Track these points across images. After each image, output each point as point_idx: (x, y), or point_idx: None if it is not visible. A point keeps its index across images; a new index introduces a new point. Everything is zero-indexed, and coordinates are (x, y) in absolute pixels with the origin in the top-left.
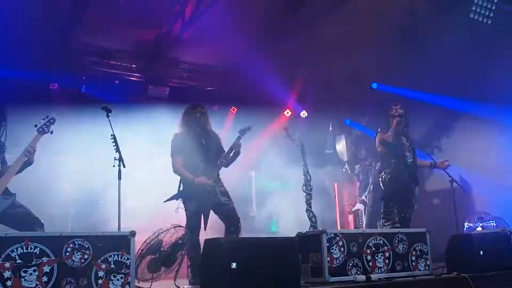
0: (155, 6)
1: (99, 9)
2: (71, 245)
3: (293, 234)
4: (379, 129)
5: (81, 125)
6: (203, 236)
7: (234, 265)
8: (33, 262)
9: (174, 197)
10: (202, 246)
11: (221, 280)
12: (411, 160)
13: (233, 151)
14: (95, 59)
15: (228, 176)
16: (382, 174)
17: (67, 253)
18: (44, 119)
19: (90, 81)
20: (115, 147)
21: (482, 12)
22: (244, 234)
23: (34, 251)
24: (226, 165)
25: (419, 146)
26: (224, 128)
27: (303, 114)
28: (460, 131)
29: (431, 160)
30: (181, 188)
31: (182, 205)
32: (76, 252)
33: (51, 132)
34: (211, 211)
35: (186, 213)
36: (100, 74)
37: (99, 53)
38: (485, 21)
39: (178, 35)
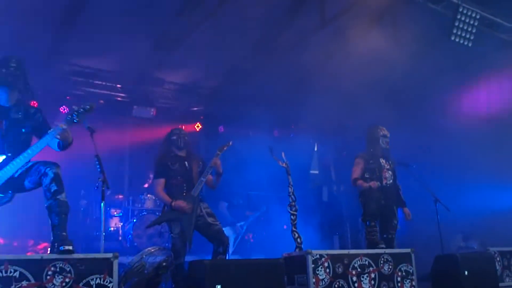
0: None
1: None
2: (52, 268)
3: (278, 255)
4: (359, 153)
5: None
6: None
7: (219, 287)
8: (12, 287)
9: (156, 222)
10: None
11: None
12: (391, 181)
13: (212, 169)
14: (80, 78)
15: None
16: (359, 196)
17: (48, 277)
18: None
19: (74, 101)
20: (99, 168)
21: (463, 35)
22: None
23: (14, 275)
24: (212, 187)
25: (398, 165)
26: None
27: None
28: (439, 149)
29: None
30: (164, 212)
31: (167, 228)
32: (57, 276)
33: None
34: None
35: (171, 236)
36: (85, 94)
37: (84, 73)
38: (466, 43)
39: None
